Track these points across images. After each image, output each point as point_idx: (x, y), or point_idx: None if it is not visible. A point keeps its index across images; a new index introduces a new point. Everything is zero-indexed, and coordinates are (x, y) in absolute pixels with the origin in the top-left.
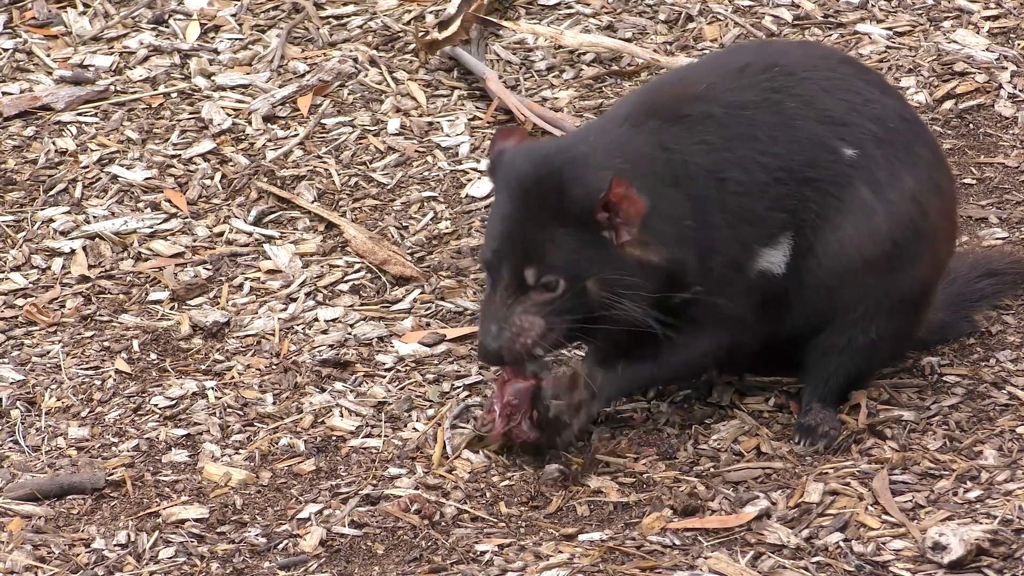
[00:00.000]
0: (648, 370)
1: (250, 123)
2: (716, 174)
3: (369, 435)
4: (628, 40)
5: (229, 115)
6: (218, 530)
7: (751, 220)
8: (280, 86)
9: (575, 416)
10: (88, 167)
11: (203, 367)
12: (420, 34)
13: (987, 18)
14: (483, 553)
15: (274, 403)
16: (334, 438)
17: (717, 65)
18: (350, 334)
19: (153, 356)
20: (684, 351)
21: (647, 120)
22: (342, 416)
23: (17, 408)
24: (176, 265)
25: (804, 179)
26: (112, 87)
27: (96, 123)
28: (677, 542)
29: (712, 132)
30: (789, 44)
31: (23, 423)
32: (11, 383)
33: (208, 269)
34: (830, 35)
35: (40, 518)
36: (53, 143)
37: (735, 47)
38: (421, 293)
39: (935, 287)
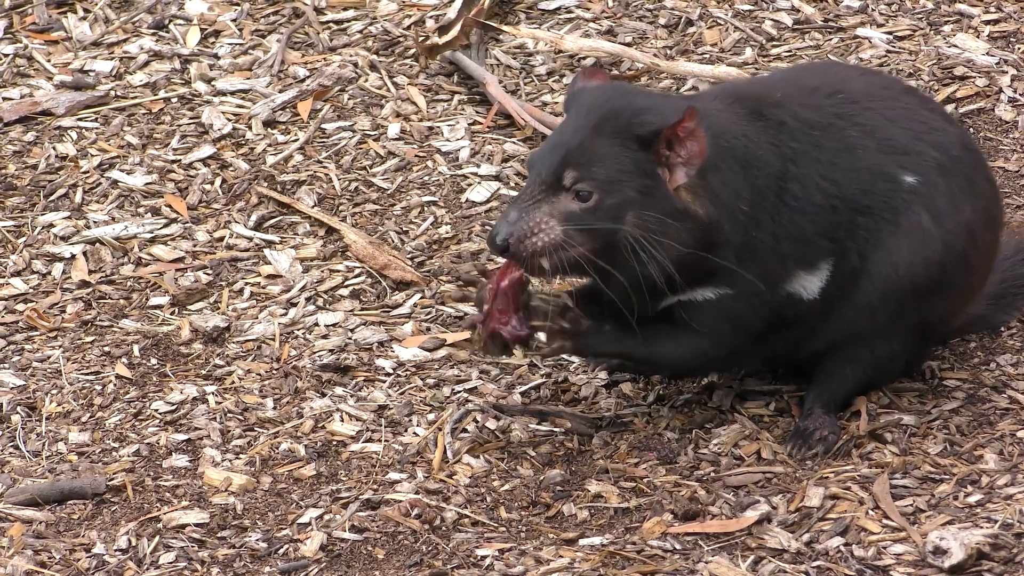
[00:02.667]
0: (635, 345)
1: (250, 128)
2: (780, 180)
3: (369, 440)
4: (628, 44)
5: (229, 120)
6: (219, 535)
7: (796, 239)
8: (280, 91)
9: (553, 338)
10: (88, 172)
11: (203, 372)
12: (420, 39)
13: (987, 22)
14: (484, 558)
15: (274, 408)
16: (334, 443)
17: (789, 80)
18: (350, 339)
19: (153, 361)
20: (676, 345)
21: (736, 104)
22: (342, 421)
23: (18, 413)
24: (176, 270)
25: (858, 208)
26: (112, 92)
27: (96, 128)
28: (678, 547)
29: (783, 141)
30: (852, 71)
31: (24, 428)
32: (11, 388)
33: (208, 274)
34: (830, 39)
35: (41, 523)
36: (53, 148)
37: (802, 66)
38: (421, 298)
39: (961, 314)
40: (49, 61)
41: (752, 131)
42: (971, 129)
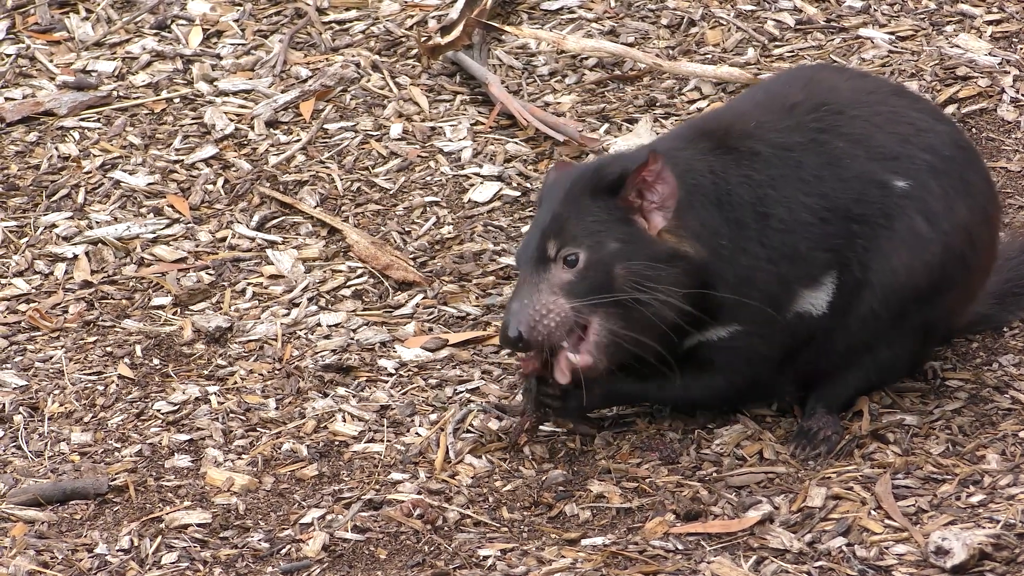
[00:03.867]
0: (643, 392)
1: (252, 128)
2: (758, 207)
3: (372, 440)
4: (630, 45)
5: (232, 120)
6: (221, 535)
7: (792, 258)
8: (282, 91)
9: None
10: (91, 172)
11: (206, 372)
12: (422, 39)
13: (990, 22)
14: (486, 558)
15: (277, 408)
16: (337, 443)
17: (767, 100)
18: (352, 339)
19: (156, 361)
20: (691, 391)
21: (699, 140)
22: (345, 421)
23: (20, 413)
24: (179, 270)
25: (852, 216)
26: (115, 92)
27: (99, 128)
28: (680, 547)
29: (757, 170)
30: (839, 77)
31: (26, 428)
32: (14, 388)
33: (211, 274)
34: (832, 40)
35: (43, 523)
36: (56, 148)
37: (787, 76)
38: (423, 298)
39: (963, 313)
40: (51, 61)
41: (720, 166)
42: (973, 129)
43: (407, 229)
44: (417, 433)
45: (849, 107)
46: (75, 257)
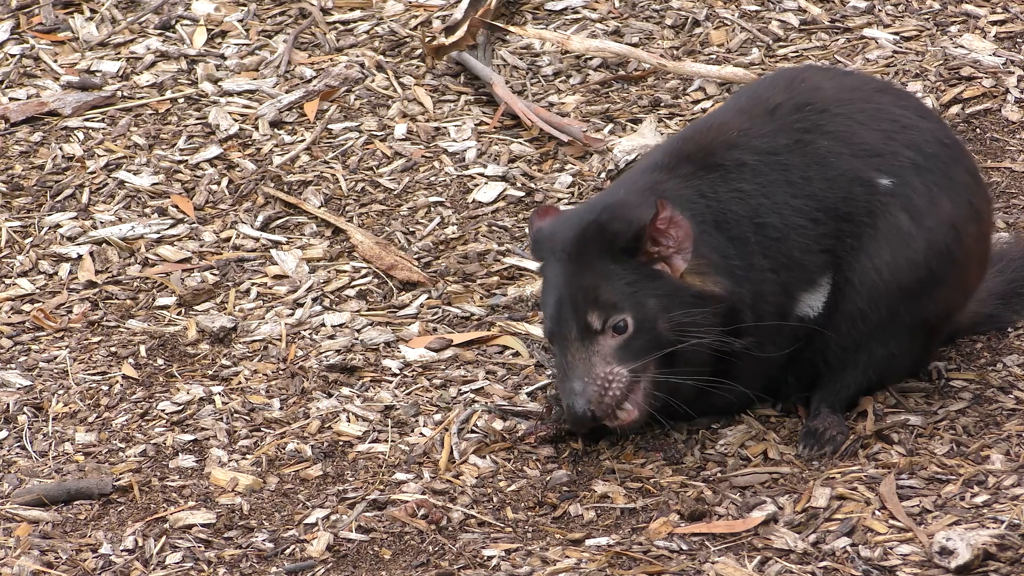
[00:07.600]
0: (667, 413)
1: (257, 128)
2: (754, 219)
3: (376, 440)
4: (635, 45)
5: (236, 120)
6: (225, 535)
7: (791, 266)
8: (287, 91)
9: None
10: (95, 172)
11: (210, 372)
12: (427, 39)
13: (994, 23)
14: (490, 558)
15: (281, 408)
16: (341, 443)
17: (749, 107)
18: (357, 339)
19: (160, 361)
20: (712, 403)
21: (680, 166)
22: (349, 421)
23: (24, 413)
24: (183, 270)
25: (840, 216)
26: (119, 93)
27: (103, 128)
28: (684, 547)
29: (747, 180)
30: (823, 76)
31: (30, 428)
32: (18, 388)
33: (215, 274)
34: (837, 40)
35: (47, 523)
36: (60, 149)
37: (770, 79)
38: (428, 298)
39: (961, 309)
40: (56, 61)
41: (708, 187)
42: (977, 130)
43: (411, 229)
44: (421, 433)
45: (832, 105)
46: (79, 257)
